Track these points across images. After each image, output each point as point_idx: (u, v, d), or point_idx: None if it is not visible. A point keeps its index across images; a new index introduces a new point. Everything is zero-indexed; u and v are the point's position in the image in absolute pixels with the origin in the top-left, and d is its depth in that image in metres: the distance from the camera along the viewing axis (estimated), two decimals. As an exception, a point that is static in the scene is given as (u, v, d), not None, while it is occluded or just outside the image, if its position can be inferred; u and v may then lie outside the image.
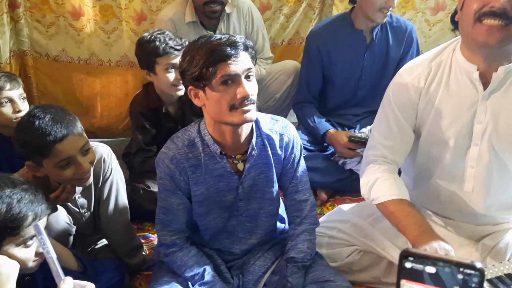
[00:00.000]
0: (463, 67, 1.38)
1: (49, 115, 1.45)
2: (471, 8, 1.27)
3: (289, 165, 1.55)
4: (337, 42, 2.38)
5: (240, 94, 1.32)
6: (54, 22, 2.59)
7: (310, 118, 2.44)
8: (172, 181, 1.48)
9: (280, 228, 1.70)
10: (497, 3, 1.22)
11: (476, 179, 1.43)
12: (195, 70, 1.33)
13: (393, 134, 1.49)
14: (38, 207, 1.24)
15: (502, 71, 1.32)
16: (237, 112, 1.34)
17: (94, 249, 1.88)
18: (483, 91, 1.36)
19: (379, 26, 2.35)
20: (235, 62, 1.32)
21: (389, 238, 1.58)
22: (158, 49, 2.04)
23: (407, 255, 0.78)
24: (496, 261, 1.37)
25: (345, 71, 2.42)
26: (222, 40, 1.33)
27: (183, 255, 1.53)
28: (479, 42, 1.29)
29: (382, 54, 2.40)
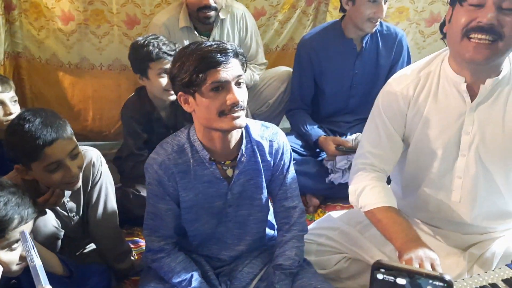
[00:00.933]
0: (451, 78, 1.39)
1: (39, 119, 1.45)
2: (459, 22, 1.28)
3: (278, 172, 1.56)
4: (328, 51, 2.39)
5: (230, 101, 1.33)
6: (44, 26, 2.59)
7: (302, 124, 2.45)
8: (160, 186, 1.48)
9: (270, 234, 1.70)
10: (484, 18, 1.22)
11: (464, 189, 1.43)
12: (185, 76, 1.33)
13: (382, 143, 1.50)
14: (24, 210, 1.24)
15: (490, 84, 1.33)
16: (227, 118, 1.35)
17: (82, 253, 1.87)
18: (470, 103, 1.37)
19: (369, 34, 2.36)
20: (225, 69, 1.32)
21: (377, 246, 1.58)
22: (151, 53, 2.04)
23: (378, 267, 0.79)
24: (483, 270, 1.38)
25: (336, 79, 2.43)
26: (212, 47, 1.33)
27: (171, 261, 1.52)
28: (466, 58, 1.29)
29: (372, 62, 2.41)
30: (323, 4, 2.92)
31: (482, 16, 1.23)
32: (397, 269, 0.79)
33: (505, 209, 1.47)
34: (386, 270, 0.78)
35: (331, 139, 2.32)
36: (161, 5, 2.63)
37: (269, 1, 2.81)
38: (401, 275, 0.78)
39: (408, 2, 2.93)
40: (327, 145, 2.30)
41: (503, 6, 1.22)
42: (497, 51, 1.26)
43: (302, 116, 2.49)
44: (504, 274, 1.22)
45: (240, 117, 1.36)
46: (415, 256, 1.21)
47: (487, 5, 1.23)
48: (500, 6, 1.22)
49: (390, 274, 0.78)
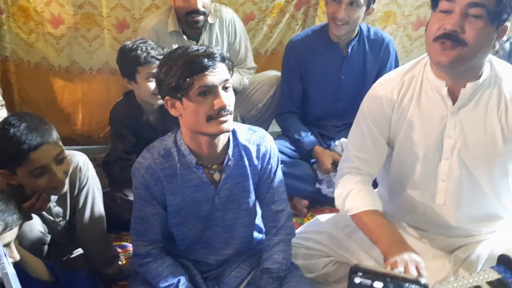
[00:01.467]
0: (432, 83, 1.41)
1: (24, 124, 1.44)
2: (431, 28, 1.31)
3: (265, 176, 1.56)
4: (315, 54, 2.39)
5: (217, 105, 1.33)
6: (34, 30, 2.58)
7: (295, 131, 2.44)
8: (147, 191, 1.47)
9: (258, 238, 1.70)
10: (448, 25, 1.25)
11: (448, 192, 1.45)
12: (172, 81, 1.33)
13: (367, 146, 1.51)
14: (9, 217, 1.24)
15: (470, 87, 1.35)
16: (214, 122, 1.35)
17: (70, 259, 1.86)
18: (452, 106, 1.38)
19: (356, 39, 2.35)
20: (212, 73, 1.33)
21: (364, 249, 1.58)
22: (139, 58, 2.04)
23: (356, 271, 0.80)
24: (468, 272, 1.39)
25: (322, 83, 2.43)
26: (199, 52, 1.34)
27: (158, 266, 1.52)
28: (434, 61, 1.32)
29: (359, 67, 2.41)
30: (312, 8, 2.93)
31: (448, 22, 1.26)
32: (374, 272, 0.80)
33: (490, 211, 1.48)
34: (364, 274, 0.80)
35: (330, 155, 2.31)
36: (150, 9, 2.63)
37: (258, 5, 2.81)
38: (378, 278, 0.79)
39: (395, 6, 2.95)
40: (324, 159, 2.29)
41: (469, 13, 1.24)
42: (461, 55, 1.27)
43: (294, 122, 2.48)
44: (488, 277, 1.22)
45: (228, 121, 1.37)
46: (400, 259, 1.22)
47: (454, 12, 1.25)
48: (466, 13, 1.24)
49: (367, 278, 0.80)
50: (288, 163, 2.32)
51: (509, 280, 1.20)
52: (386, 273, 0.80)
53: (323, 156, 2.31)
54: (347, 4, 2.16)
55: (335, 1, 2.18)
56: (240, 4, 2.79)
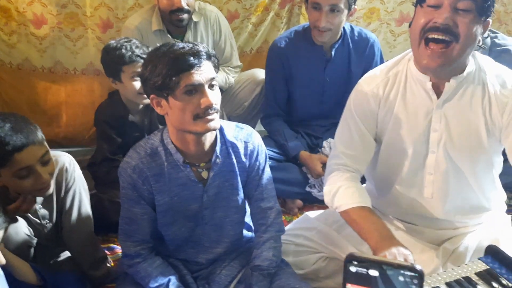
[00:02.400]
0: (416, 78, 1.42)
1: (9, 124, 1.42)
2: (418, 23, 1.31)
3: (254, 173, 1.55)
4: (298, 56, 2.36)
5: (204, 104, 1.32)
6: (16, 31, 2.54)
7: (281, 135, 2.41)
8: (135, 190, 1.46)
9: (248, 236, 1.70)
10: (439, 19, 1.26)
11: (435, 185, 1.46)
12: (158, 79, 1.32)
13: (354, 143, 1.52)
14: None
15: (454, 82, 1.37)
16: (201, 121, 1.34)
17: (57, 262, 1.83)
18: (437, 100, 1.40)
19: (339, 41, 2.32)
20: (198, 71, 1.32)
21: (354, 244, 1.59)
22: (124, 57, 2.02)
23: (351, 259, 0.80)
24: (457, 264, 1.40)
25: (306, 85, 2.41)
26: (185, 49, 1.32)
27: (147, 266, 1.51)
28: (422, 64, 1.33)
29: (344, 69, 2.38)
30: (296, 6, 2.94)
31: (438, 16, 1.26)
32: (369, 260, 0.80)
33: (476, 203, 1.50)
34: (359, 262, 0.80)
35: (317, 158, 2.28)
36: (133, 8, 2.61)
37: (242, 3, 2.81)
38: (373, 266, 0.79)
39: (379, 3, 2.98)
40: (312, 164, 2.27)
41: (458, 7, 1.25)
42: (451, 57, 1.29)
43: (279, 125, 2.46)
44: (477, 268, 1.24)
45: (215, 120, 1.36)
46: (389, 253, 1.23)
47: (444, 6, 1.26)
48: (455, 7, 1.26)
49: (363, 266, 0.80)
50: (275, 168, 2.24)
51: (497, 270, 1.21)
52: (382, 261, 0.80)
53: (312, 161, 2.28)
54: (327, 11, 2.13)
55: (315, 9, 2.15)
56: (224, 2, 2.78)
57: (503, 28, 3.24)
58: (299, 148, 2.36)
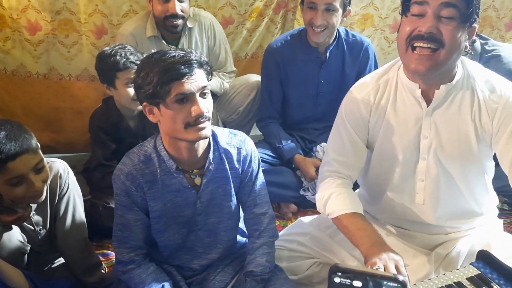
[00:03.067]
0: (406, 85, 1.43)
1: (3, 132, 1.42)
2: (403, 32, 1.33)
3: (247, 179, 1.56)
4: (293, 58, 2.39)
5: (195, 113, 1.33)
6: (10, 37, 2.54)
7: (275, 138, 2.44)
8: (128, 197, 1.46)
9: (241, 242, 1.70)
10: (423, 27, 1.28)
11: (426, 191, 1.47)
12: (149, 88, 1.33)
13: (346, 150, 1.53)
14: None
15: (444, 89, 1.38)
16: (192, 129, 1.35)
17: (51, 268, 1.83)
18: (426, 107, 1.41)
19: (334, 43, 2.36)
20: (189, 80, 1.32)
21: (347, 249, 1.59)
22: (118, 63, 2.03)
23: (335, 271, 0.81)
24: (448, 269, 1.41)
25: (301, 87, 2.44)
26: (176, 58, 1.32)
27: (141, 272, 1.51)
28: (410, 69, 1.34)
29: (338, 71, 2.42)
30: (290, 12, 2.96)
31: (422, 25, 1.28)
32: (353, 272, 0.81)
33: (468, 208, 1.51)
34: (343, 273, 0.81)
35: (311, 162, 2.31)
36: (128, 14, 2.62)
37: (236, 9, 2.83)
38: (357, 277, 0.81)
39: (373, 9, 3.00)
40: (306, 168, 2.29)
41: (441, 15, 1.27)
42: (438, 60, 1.30)
43: (274, 128, 2.48)
44: (468, 273, 1.24)
45: (206, 128, 1.36)
46: (380, 258, 1.24)
47: (427, 15, 1.28)
48: (439, 15, 1.27)
49: (347, 277, 0.81)
50: (269, 171, 2.29)
51: (488, 275, 1.22)
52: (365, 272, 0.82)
53: (306, 165, 2.31)
54: (323, 10, 2.17)
55: (311, 8, 2.19)
56: (219, 8, 2.79)
57: (495, 33, 3.26)
58: (294, 151, 2.37)
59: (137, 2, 2.60)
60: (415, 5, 1.30)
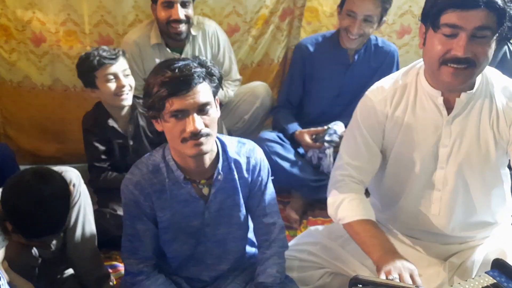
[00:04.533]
0: (427, 92, 1.41)
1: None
2: (434, 50, 1.29)
3: (256, 188, 1.54)
4: (322, 58, 2.42)
5: (188, 129, 1.32)
6: (15, 49, 2.55)
7: (283, 119, 2.50)
8: (137, 207, 1.46)
9: (251, 252, 1.68)
10: (459, 52, 1.25)
11: (442, 202, 1.45)
12: (149, 99, 1.34)
13: (360, 154, 1.51)
14: None
15: (465, 97, 1.36)
16: (189, 144, 1.34)
17: (60, 279, 1.81)
18: (447, 116, 1.39)
19: (364, 46, 2.39)
20: (185, 97, 1.30)
21: (359, 259, 1.57)
22: (92, 63, 2.05)
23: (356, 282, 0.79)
24: (463, 279, 1.38)
25: (324, 85, 2.46)
26: (176, 73, 1.30)
27: (151, 284, 1.50)
28: (445, 83, 1.32)
29: (363, 75, 2.42)
30: (296, 19, 2.94)
31: (457, 48, 1.25)
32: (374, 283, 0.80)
33: (484, 219, 1.49)
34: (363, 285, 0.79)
35: (306, 131, 2.36)
36: (134, 24, 2.62)
37: (242, 17, 2.82)
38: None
39: (380, 15, 2.98)
40: (302, 137, 2.34)
41: (477, 35, 1.24)
42: (472, 75, 1.30)
43: (285, 113, 2.54)
44: (484, 282, 1.21)
45: (204, 144, 1.34)
46: (394, 267, 1.21)
47: (461, 37, 1.24)
48: (473, 35, 1.24)
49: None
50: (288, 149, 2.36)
51: (504, 284, 1.19)
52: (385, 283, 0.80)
53: (302, 135, 2.36)
54: (361, 20, 2.21)
55: (350, 16, 2.22)
56: (225, 16, 2.79)
57: None
58: (296, 128, 2.43)
59: (143, 11, 2.60)
60: (446, 27, 1.26)
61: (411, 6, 2.96)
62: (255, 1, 2.78)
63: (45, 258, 1.67)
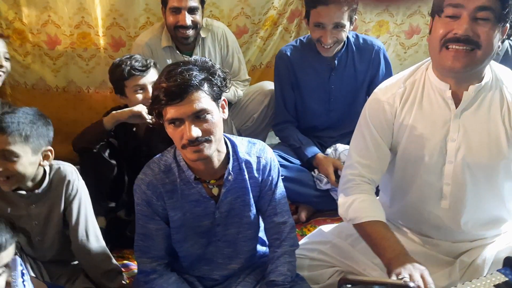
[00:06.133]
0: (435, 86, 1.42)
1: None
2: (437, 33, 1.32)
3: (266, 188, 1.56)
4: (303, 64, 2.39)
5: (185, 137, 1.33)
6: (30, 52, 2.60)
7: (295, 140, 2.43)
8: (149, 206, 1.47)
9: (261, 251, 1.69)
10: (459, 30, 1.27)
11: (452, 196, 1.45)
12: (151, 105, 1.38)
13: (370, 153, 1.51)
14: (2, 237, 1.23)
15: (473, 90, 1.36)
16: (189, 150, 1.36)
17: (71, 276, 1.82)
18: (455, 110, 1.39)
19: (343, 49, 2.34)
20: (180, 106, 1.32)
21: (369, 258, 1.57)
22: (123, 72, 2.08)
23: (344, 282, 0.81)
24: (475, 277, 1.38)
25: (313, 94, 2.44)
26: (170, 83, 1.31)
27: (163, 282, 1.51)
28: (446, 67, 1.33)
29: (350, 76, 2.40)
30: (304, 20, 2.95)
31: (458, 27, 1.27)
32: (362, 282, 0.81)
33: (494, 214, 1.48)
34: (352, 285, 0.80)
35: (331, 161, 2.28)
36: (145, 26, 2.66)
37: (250, 19, 2.84)
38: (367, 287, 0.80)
39: (388, 15, 2.99)
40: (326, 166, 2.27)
41: (477, 17, 1.26)
42: (475, 59, 1.29)
43: (292, 131, 2.48)
44: (496, 280, 1.21)
45: (203, 149, 1.36)
46: (404, 270, 1.21)
47: (462, 17, 1.27)
48: (474, 17, 1.26)
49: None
50: (290, 168, 2.31)
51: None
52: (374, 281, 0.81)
53: (326, 163, 2.28)
54: (331, 28, 2.16)
55: (319, 27, 2.18)
56: (233, 17, 2.81)
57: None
58: (315, 150, 2.37)
59: (154, 14, 2.64)
60: (449, 7, 1.29)
61: (420, 6, 2.96)
62: (263, 2, 2.81)
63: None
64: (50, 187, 1.66)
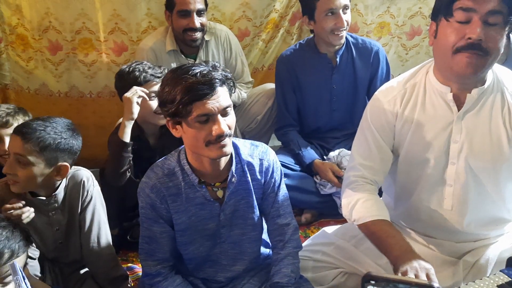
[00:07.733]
0: (436, 89, 1.42)
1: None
2: (448, 39, 1.30)
3: (269, 190, 1.56)
4: (304, 66, 2.43)
5: (216, 132, 1.34)
6: (32, 57, 2.61)
7: (295, 146, 2.46)
8: (153, 210, 1.48)
9: (265, 253, 1.70)
10: (473, 34, 1.25)
11: (455, 197, 1.45)
12: (172, 106, 1.34)
13: (372, 155, 1.52)
14: (15, 244, 1.24)
15: (476, 93, 1.37)
16: (214, 147, 1.36)
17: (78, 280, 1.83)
18: (457, 112, 1.40)
19: (343, 48, 2.39)
20: (211, 101, 1.32)
21: (373, 259, 1.58)
22: (138, 78, 2.05)
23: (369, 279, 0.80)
24: (478, 277, 1.38)
25: (315, 95, 2.46)
26: (197, 78, 1.32)
27: (168, 285, 1.52)
28: (457, 72, 1.32)
29: (350, 75, 2.44)
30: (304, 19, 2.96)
31: (470, 32, 1.26)
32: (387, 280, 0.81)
33: (497, 215, 1.49)
34: (376, 281, 0.80)
35: (328, 166, 2.31)
36: (147, 30, 2.67)
37: (252, 21, 2.85)
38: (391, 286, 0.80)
39: (389, 17, 2.99)
40: (324, 171, 2.30)
41: (488, 21, 1.25)
42: (486, 65, 1.30)
43: (293, 136, 2.50)
44: (499, 280, 1.22)
45: (227, 145, 1.37)
46: (410, 267, 1.22)
47: (474, 21, 1.26)
48: (485, 21, 1.25)
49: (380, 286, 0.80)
50: (292, 176, 2.33)
51: (520, 282, 1.20)
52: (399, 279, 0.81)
53: (324, 168, 2.31)
54: (341, 12, 2.25)
55: (332, 14, 2.25)
56: (235, 20, 2.82)
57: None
58: (313, 157, 2.40)
59: (156, 18, 2.65)
60: (459, 11, 1.27)
61: (421, 7, 2.97)
62: (265, 5, 2.82)
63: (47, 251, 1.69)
64: (67, 194, 1.68)
